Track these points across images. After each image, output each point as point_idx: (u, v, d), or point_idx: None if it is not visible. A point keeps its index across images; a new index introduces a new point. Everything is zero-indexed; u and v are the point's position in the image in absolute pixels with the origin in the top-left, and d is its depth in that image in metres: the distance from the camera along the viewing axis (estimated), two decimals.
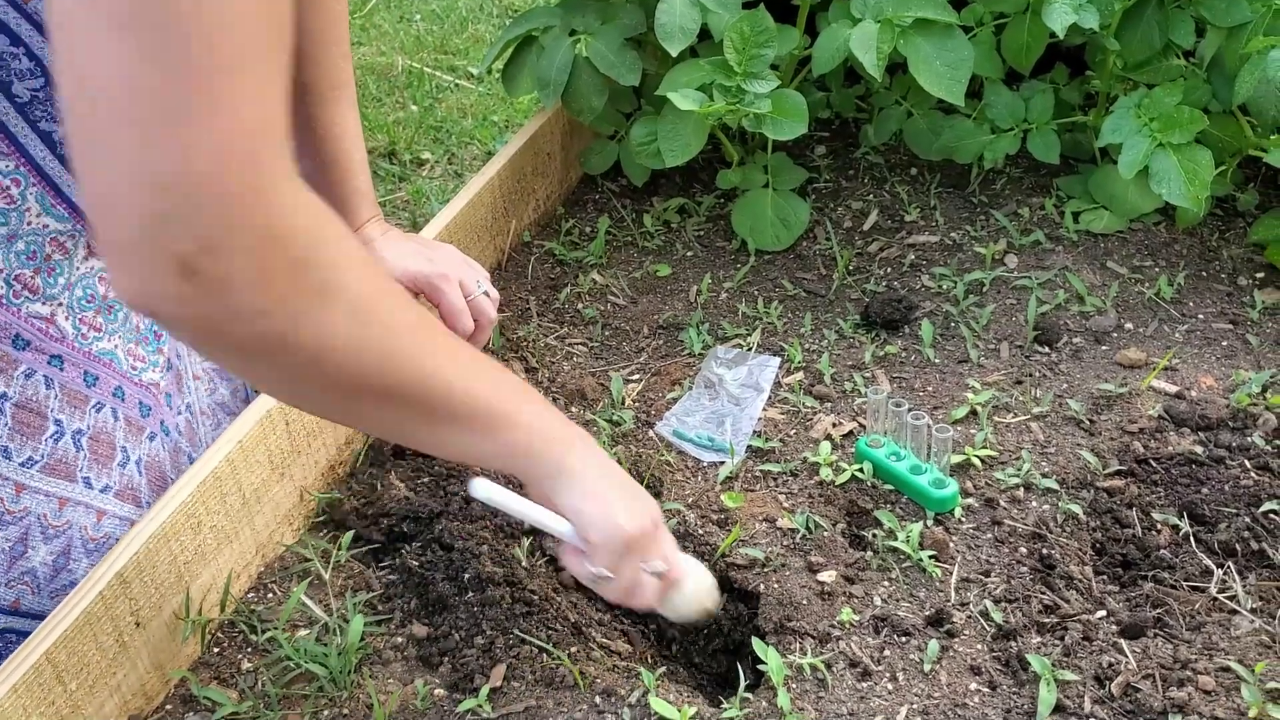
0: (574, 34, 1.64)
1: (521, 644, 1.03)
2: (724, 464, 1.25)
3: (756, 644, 1.02)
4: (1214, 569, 1.08)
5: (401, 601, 1.09)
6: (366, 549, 1.16)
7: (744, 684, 0.99)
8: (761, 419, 1.32)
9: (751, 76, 1.50)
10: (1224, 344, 1.40)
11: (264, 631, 1.05)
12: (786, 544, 1.14)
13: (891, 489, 1.20)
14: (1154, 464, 1.20)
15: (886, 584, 1.09)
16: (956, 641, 1.03)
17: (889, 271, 1.58)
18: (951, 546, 1.13)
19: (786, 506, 1.19)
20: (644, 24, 1.62)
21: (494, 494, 0.86)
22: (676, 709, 0.96)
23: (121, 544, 0.97)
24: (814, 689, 0.99)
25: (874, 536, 1.14)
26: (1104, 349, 1.40)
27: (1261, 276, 1.52)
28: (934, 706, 0.97)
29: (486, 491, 0.86)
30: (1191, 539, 1.12)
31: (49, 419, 0.98)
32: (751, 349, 1.44)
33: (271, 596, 1.10)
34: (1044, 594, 1.06)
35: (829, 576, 1.09)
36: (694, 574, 1.01)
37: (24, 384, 0.96)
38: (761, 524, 1.16)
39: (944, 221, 1.66)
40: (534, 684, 1.00)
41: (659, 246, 1.68)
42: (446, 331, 0.83)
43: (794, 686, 0.99)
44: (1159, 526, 1.13)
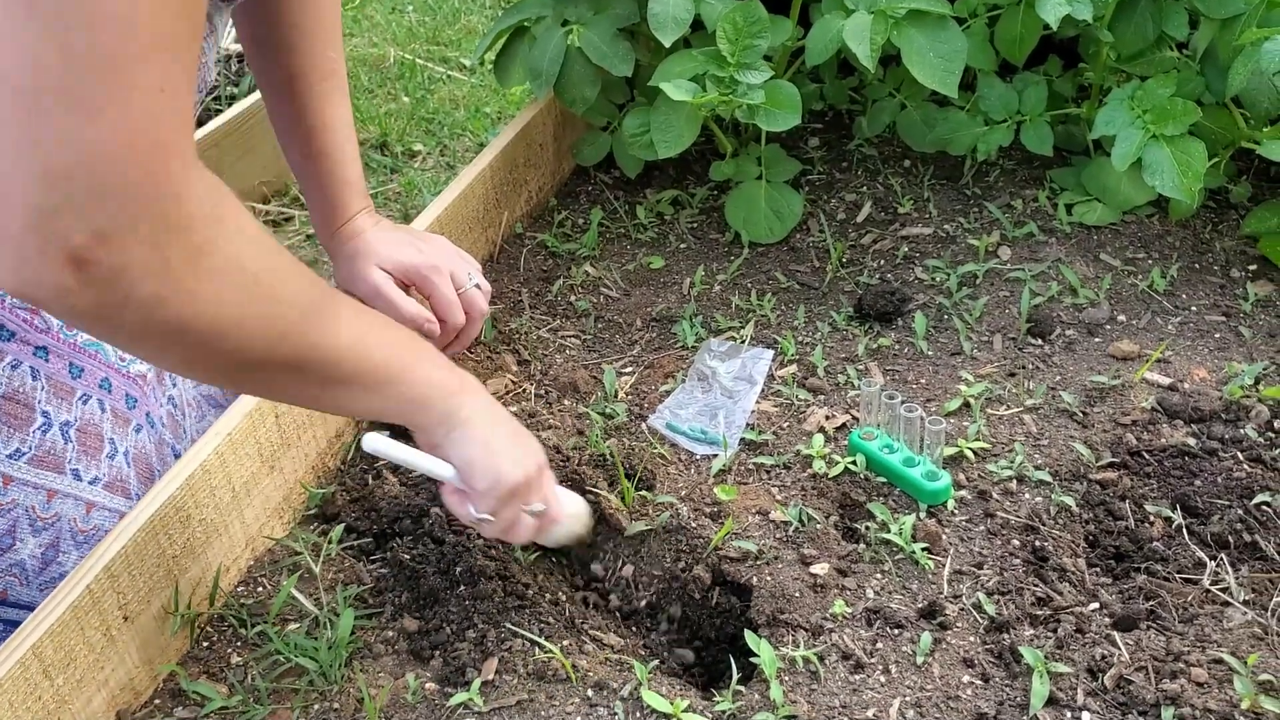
0: (566, 24, 1.63)
1: (513, 637, 1.02)
2: (717, 457, 1.25)
3: (749, 636, 1.02)
4: (1207, 561, 1.08)
5: (392, 595, 1.09)
6: (357, 542, 1.15)
7: (736, 676, 0.99)
8: (754, 412, 1.31)
9: (745, 67, 1.49)
10: (1217, 336, 1.40)
11: (254, 625, 1.05)
12: (779, 536, 1.14)
13: (884, 481, 1.20)
14: (1147, 456, 1.20)
15: (879, 576, 1.09)
16: (949, 634, 1.02)
17: (882, 264, 1.57)
18: (944, 539, 1.12)
19: (779, 499, 1.18)
20: (637, 14, 1.61)
21: (380, 445, 0.89)
22: (669, 702, 0.95)
23: (109, 537, 0.96)
24: (806, 681, 0.98)
25: (867, 529, 1.14)
26: (1097, 341, 1.40)
27: (1254, 269, 1.52)
28: (926, 699, 0.96)
29: (374, 444, 0.89)
30: (1184, 531, 1.11)
31: (36, 410, 0.97)
32: (745, 341, 1.44)
33: (261, 590, 1.10)
34: (1037, 586, 1.06)
35: (822, 569, 1.09)
36: (570, 506, 1.04)
37: (10, 375, 0.96)
38: (754, 516, 1.16)
39: (937, 214, 1.66)
40: (526, 677, 0.99)
41: (652, 239, 1.68)
42: (334, 293, 0.84)
43: (786, 679, 0.98)
44: (1152, 518, 1.13)
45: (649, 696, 0.96)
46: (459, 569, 1.08)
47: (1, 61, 0.58)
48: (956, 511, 1.16)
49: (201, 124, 2.48)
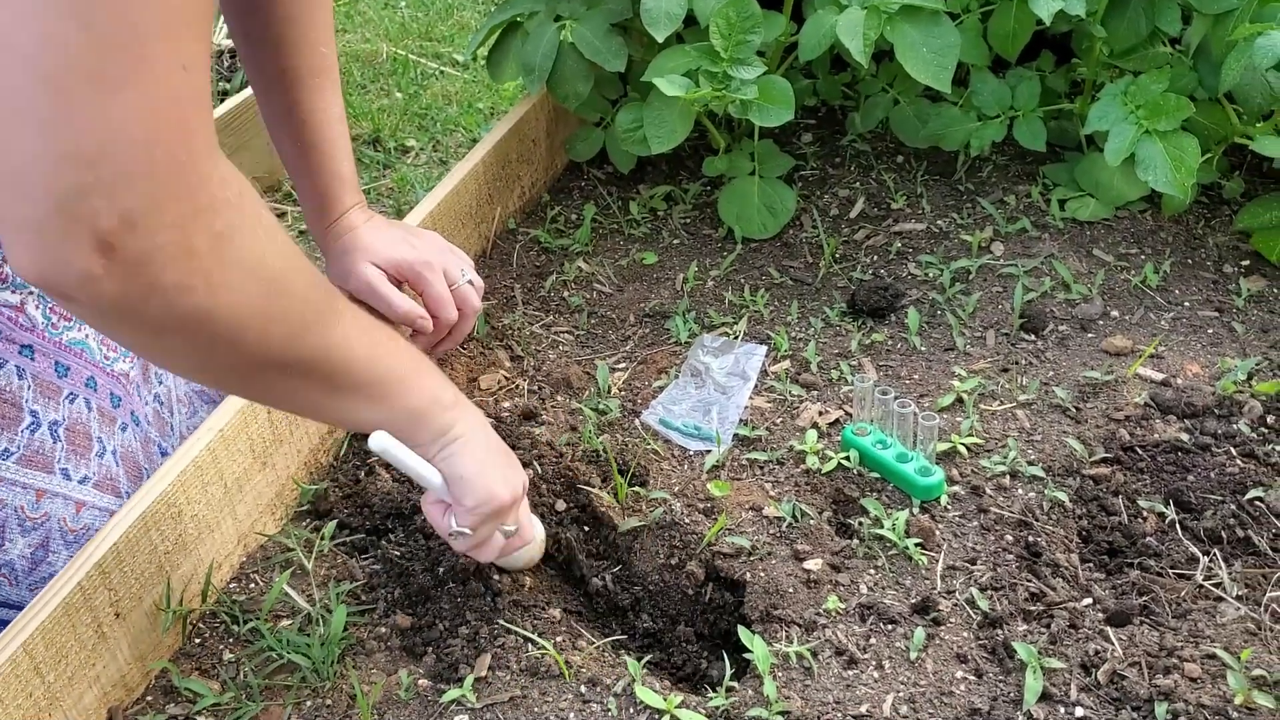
0: (559, 19, 1.63)
1: (506, 633, 1.02)
2: (710, 453, 1.24)
3: (742, 632, 1.01)
4: (1200, 556, 1.08)
5: (385, 591, 1.08)
6: (349, 538, 1.15)
7: (729, 672, 0.99)
8: (748, 407, 1.31)
9: (738, 62, 1.49)
10: (1210, 331, 1.40)
11: (246, 622, 1.05)
12: (773, 532, 1.14)
13: (878, 477, 1.20)
14: (1140, 451, 1.20)
15: (872, 572, 1.09)
16: (942, 629, 1.02)
17: (875, 259, 1.57)
18: (937, 534, 1.12)
19: (773, 495, 1.18)
20: (630, 9, 1.61)
21: (387, 444, 0.89)
22: (662, 698, 0.95)
23: (101, 534, 0.95)
24: (800, 677, 0.98)
25: (860, 525, 1.13)
26: (1090, 336, 1.40)
27: (1247, 264, 1.52)
28: (920, 694, 0.96)
29: (381, 443, 0.89)
30: (1177, 526, 1.12)
31: (24, 410, 0.97)
32: (738, 337, 1.43)
33: (254, 587, 1.09)
34: (1030, 582, 1.06)
35: (815, 565, 1.09)
36: (537, 534, 1.07)
37: None
38: (748, 512, 1.16)
39: (930, 209, 1.66)
40: (519, 673, 0.99)
41: (645, 234, 1.68)
42: (339, 294, 0.83)
43: (780, 675, 0.98)
44: (1145, 514, 1.13)
45: (642, 693, 0.96)
46: (451, 566, 1.08)
47: (23, 43, 0.56)
48: (950, 507, 1.16)
49: None
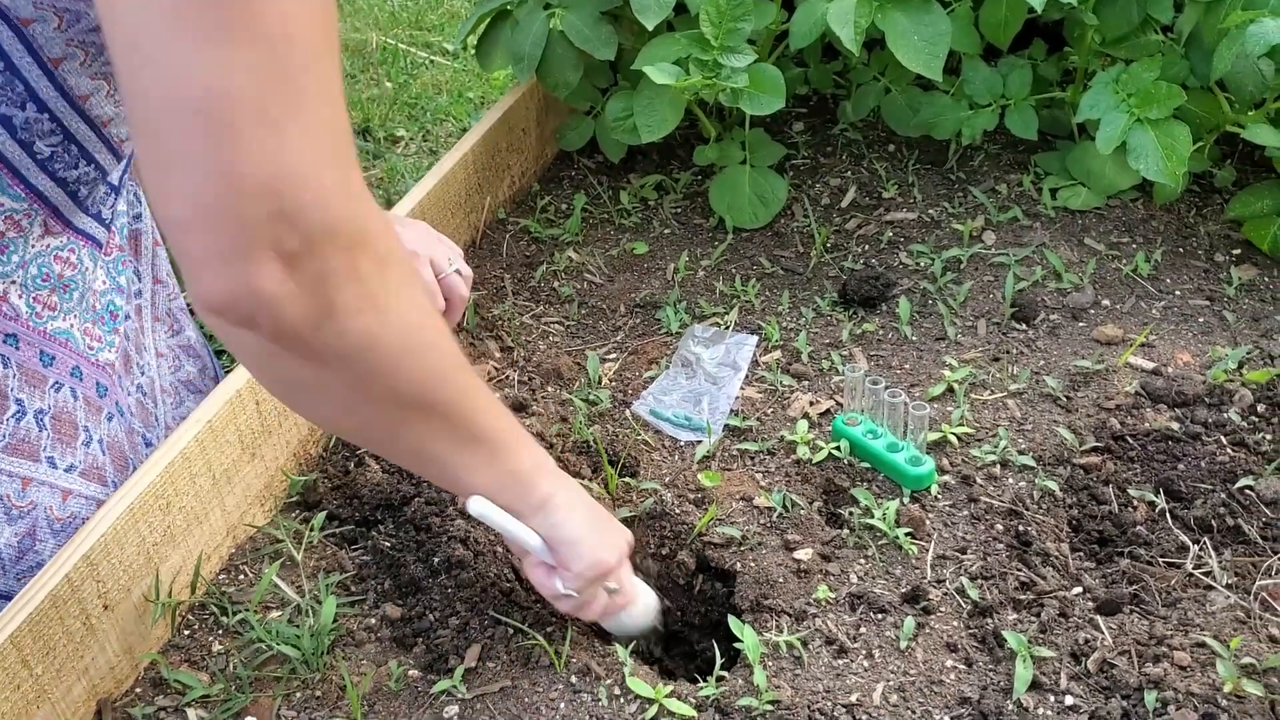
0: (548, 8, 1.62)
1: (496, 624, 1.02)
2: (701, 443, 1.24)
3: (733, 622, 1.01)
4: (1190, 545, 1.08)
5: (375, 582, 1.08)
6: (339, 530, 1.15)
7: (720, 662, 0.99)
8: (739, 397, 1.31)
9: (728, 50, 1.48)
10: (1201, 320, 1.40)
11: (235, 613, 1.04)
12: (763, 522, 1.13)
13: (868, 467, 1.20)
14: (1130, 440, 1.20)
15: (863, 561, 1.09)
16: (933, 618, 1.02)
17: (867, 249, 1.57)
18: (928, 524, 1.12)
19: (763, 485, 1.18)
20: None
21: (486, 510, 0.90)
22: (653, 687, 0.95)
23: (89, 526, 0.95)
24: (790, 666, 0.98)
25: (851, 514, 1.13)
26: (1081, 326, 1.40)
27: (1238, 253, 1.52)
28: (910, 683, 0.96)
29: (480, 508, 0.90)
30: (1168, 515, 1.12)
31: (9, 398, 0.96)
32: (729, 327, 1.43)
33: (243, 578, 1.09)
34: (1020, 571, 1.06)
35: (805, 554, 1.09)
36: (643, 597, 1.04)
37: None
38: (738, 502, 1.16)
39: (922, 198, 1.65)
40: (509, 664, 0.99)
41: (636, 224, 1.67)
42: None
43: (770, 664, 0.98)
44: (1135, 503, 1.13)
45: (633, 682, 0.96)
46: (442, 557, 1.08)
47: (192, 97, 0.60)
48: (940, 496, 1.16)
49: None
